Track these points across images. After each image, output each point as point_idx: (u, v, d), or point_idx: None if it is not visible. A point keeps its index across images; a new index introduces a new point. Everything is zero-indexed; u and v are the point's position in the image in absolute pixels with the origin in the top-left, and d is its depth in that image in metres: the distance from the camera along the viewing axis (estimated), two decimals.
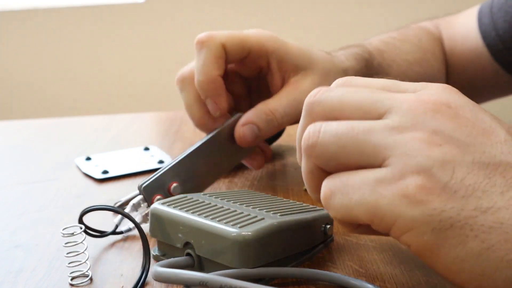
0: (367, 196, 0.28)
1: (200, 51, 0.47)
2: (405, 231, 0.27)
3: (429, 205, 0.26)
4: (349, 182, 0.28)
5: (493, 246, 0.26)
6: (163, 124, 0.78)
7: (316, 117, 0.31)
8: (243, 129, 0.48)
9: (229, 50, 0.48)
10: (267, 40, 0.49)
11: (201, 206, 0.36)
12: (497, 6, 0.67)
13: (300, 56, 0.50)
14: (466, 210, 0.26)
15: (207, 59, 0.47)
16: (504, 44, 0.66)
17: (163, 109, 1.75)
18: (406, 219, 0.26)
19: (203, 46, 0.47)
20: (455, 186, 0.26)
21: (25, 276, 0.37)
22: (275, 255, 0.34)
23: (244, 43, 0.48)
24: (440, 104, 0.29)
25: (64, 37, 1.87)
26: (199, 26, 1.83)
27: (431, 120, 0.28)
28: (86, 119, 0.84)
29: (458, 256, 0.26)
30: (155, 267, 0.31)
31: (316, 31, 1.81)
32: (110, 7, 1.85)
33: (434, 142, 0.27)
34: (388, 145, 0.28)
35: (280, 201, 0.40)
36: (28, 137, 0.74)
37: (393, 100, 0.29)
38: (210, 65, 0.47)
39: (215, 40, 0.47)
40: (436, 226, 0.26)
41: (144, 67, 1.87)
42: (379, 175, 0.28)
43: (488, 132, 0.28)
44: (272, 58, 0.50)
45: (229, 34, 0.48)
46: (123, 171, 0.56)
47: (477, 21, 0.69)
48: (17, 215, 0.47)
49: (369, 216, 0.28)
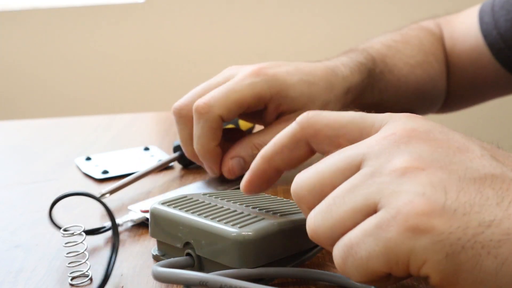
0: (374, 246, 0.27)
1: (198, 121, 0.48)
2: (421, 264, 0.26)
3: (435, 230, 0.25)
4: (352, 241, 0.28)
5: (507, 260, 0.25)
6: (163, 124, 0.78)
7: (306, 203, 0.31)
8: (231, 162, 0.49)
9: (226, 117, 0.48)
10: (264, 89, 0.49)
11: (201, 206, 0.36)
12: (499, 5, 0.67)
13: (299, 98, 0.50)
14: (472, 228, 0.25)
15: (204, 131, 0.48)
16: (505, 43, 0.66)
17: (163, 109, 1.76)
18: (418, 252, 0.26)
19: (201, 117, 0.48)
20: (453, 205, 0.26)
21: (25, 276, 0.37)
22: (275, 255, 0.34)
23: (241, 104, 0.48)
24: (409, 131, 0.29)
25: (64, 37, 1.87)
26: (199, 26, 1.83)
27: (405, 148, 0.28)
28: (86, 119, 0.84)
29: (477, 279, 0.25)
30: (155, 267, 0.31)
31: (317, 30, 1.81)
32: (110, 7, 1.85)
33: (417, 168, 0.27)
34: (374, 191, 0.27)
35: (280, 201, 0.40)
36: (28, 137, 0.74)
37: (363, 148, 0.29)
38: (207, 136, 0.48)
39: (213, 113, 0.47)
40: (448, 251, 0.25)
41: (144, 67, 1.87)
42: (376, 221, 0.27)
43: (463, 149, 0.28)
44: (270, 104, 0.50)
45: (225, 101, 0.48)
46: (123, 171, 0.56)
47: (478, 20, 0.69)
48: (17, 215, 0.47)
49: (385, 264, 0.27)
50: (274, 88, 0.49)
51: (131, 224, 0.43)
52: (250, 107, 0.50)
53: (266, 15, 1.82)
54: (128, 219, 0.43)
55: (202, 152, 0.49)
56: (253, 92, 0.48)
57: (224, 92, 0.48)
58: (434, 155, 0.28)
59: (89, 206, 0.48)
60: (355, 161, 0.29)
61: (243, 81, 0.49)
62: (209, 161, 0.50)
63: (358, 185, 0.28)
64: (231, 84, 0.49)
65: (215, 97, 0.48)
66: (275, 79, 0.50)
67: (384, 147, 0.28)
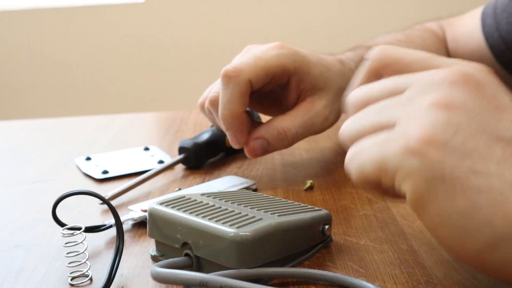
0: (375, 153, 0.30)
1: (227, 86, 0.47)
2: (404, 180, 0.29)
3: (427, 157, 0.28)
4: (364, 145, 0.31)
5: (480, 207, 0.27)
6: (163, 124, 0.78)
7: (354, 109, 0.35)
8: (254, 143, 0.49)
9: (254, 83, 0.48)
10: (289, 61, 0.49)
11: (199, 206, 0.37)
12: (501, 7, 0.67)
13: (319, 77, 0.51)
14: (460, 169, 0.27)
15: (233, 95, 0.47)
16: (507, 45, 0.66)
17: (163, 109, 1.76)
18: (405, 168, 0.28)
19: (230, 81, 0.47)
20: (455, 146, 0.28)
21: (25, 276, 0.37)
22: (273, 255, 0.34)
23: (268, 71, 0.48)
24: (461, 76, 0.30)
25: (64, 37, 1.87)
26: (199, 26, 1.83)
27: (446, 89, 0.30)
28: (86, 119, 0.84)
29: (444, 210, 0.28)
30: (154, 268, 0.31)
31: (317, 28, 1.81)
32: (110, 7, 1.85)
33: (443, 106, 0.29)
34: (398, 112, 0.31)
35: (278, 201, 0.40)
36: (28, 137, 0.74)
37: (413, 79, 0.32)
38: (236, 101, 0.47)
39: (243, 77, 0.47)
40: (430, 177, 0.28)
41: (144, 67, 1.87)
42: (388, 135, 0.30)
43: (500, 109, 0.30)
44: (293, 78, 0.50)
45: (255, 67, 0.48)
46: (123, 171, 0.56)
47: (481, 22, 0.69)
48: (17, 215, 0.47)
49: (377, 171, 0.30)
50: (298, 62, 0.50)
51: (131, 222, 0.43)
52: (276, 78, 0.49)
53: (266, 15, 1.82)
54: (128, 217, 0.43)
55: (230, 117, 0.48)
56: (279, 62, 0.49)
57: (251, 58, 0.48)
58: (468, 103, 0.29)
59: (89, 206, 0.48)
60: (402, 87, 0.32)
61: (269, 51, 0.49)
62: (236, 128, 0.48)
63: (390, 105, 0.31)
64: (257, 52, 0.49)
65: (244, 62, 0.48)
66: (298, 54, 0.50)
67: (430, 82, 0.31)
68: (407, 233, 0.40)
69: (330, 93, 0.52)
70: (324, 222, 0.38)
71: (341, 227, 0.42)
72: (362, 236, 0.40)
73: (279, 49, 0.49)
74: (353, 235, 0.40)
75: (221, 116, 0.48)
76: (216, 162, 0.58)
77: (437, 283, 0.33)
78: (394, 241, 0.39)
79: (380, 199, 0.47)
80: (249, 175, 0.54)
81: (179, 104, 1.83)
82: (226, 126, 0.49)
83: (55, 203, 0.38)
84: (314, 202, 0.47)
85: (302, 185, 0.51)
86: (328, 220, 0.39)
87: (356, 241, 0.40)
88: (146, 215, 0.42)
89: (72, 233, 0.37)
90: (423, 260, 0.36)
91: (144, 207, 0.44)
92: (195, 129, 0.71)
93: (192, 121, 0.76)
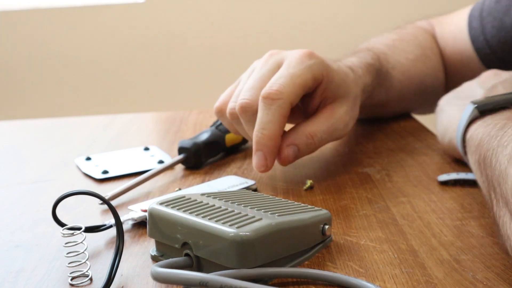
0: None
1: (269, 107, 0.47)
2: None
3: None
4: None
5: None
6: (163, 124, 0.78)
7: None
8: (287, 150, 0.49)
9: (294, 103, 0.49)
10: (319, 71, 0.50)
11: (199, 206, 0.36)
12: (487, 10, 0.68)
13: (341, 84, 0.52)
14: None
15: (275, 117, 0.47)
16: (491, 49, 0.67)
17: (163, 109, 1.76)
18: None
19: (272, 103, 0.47)
20: None
21: (25, 276, 0.37)
22: (273, 255, 0.34)
23: (305, 87, 0.49)
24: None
25: (64, 37, 1.87)
26: (199, 26, 1.83)
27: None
28: (86, 119, 0.84)
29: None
30: (154, 268, 0.31)
31: (317, 28, 1.81)
32: (110, 7, 1.85)
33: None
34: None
35: (278, 201, 0.40)
36: (28, 137, 0.74)
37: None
38: (276, 123, 0.48)
39: (285, 100, 0.47)
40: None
41: (144, 67, 1.87)
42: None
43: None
44: (320, 86, 0.51)
45: (293, 87, 0.48)
46: (123, 171, 0.56)
47: (467, 24, 0.70)
48: (17, 215, 0.47)
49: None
50: (325, 70, 0.50)
51: (131, 222, 0.43)
52: (309, 90, 0.50)
53: (266, 16, 1.82)
54: (128, 217, 0.43)
55: (267, 138, 0.48)
56: (312, 74, 0.49)
57: (289, 77, 0.48)
58: None
59: (89, 206, 0.48)
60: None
61: (301, 64, 0.49)
62: (269, 149, 0.48)
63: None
64: (290, 69, 0.49)
65: (284, 84, 0.48)
66: (324, 63, 0.51)
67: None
68: (407, 233, 0.40)
69: (350, 100, 0.53)
70: (324, 222, 0.38)
71: (341, 227, 0.42)
72: (362, 236, 0.40)
73: (308, 60, 0.50)
74: (353, 235, 0.40)
75: (259, 135, 0.48)
76: (216, 162, 0.58)
77: (437, 283, 0.33)
78: (394, 241, 0.39)
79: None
80: (249, 175, 0.54)
81: (179, 104, 1.83)
82: (259, 146, 0.48)
83: (55, 203, 0.38)
84: (314, 202, 0.47)
85: (302, 185, 0.51)
86: (328, 220, 0.39)
87: (356, 241, 0.40)
88: (146, 215, 0.42)
89: (72, 233, 0.37)
90: (423, 260, 0.36)
91: (144, 207, 0.44)
92: (195, 129, 0.71)
93: (192, 121, 0.76)
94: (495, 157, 0.37)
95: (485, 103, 0.45)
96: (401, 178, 0.51)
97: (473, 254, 0.37)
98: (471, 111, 0.45)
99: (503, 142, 0.37)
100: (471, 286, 0.33)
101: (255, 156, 0.49)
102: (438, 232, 0.41)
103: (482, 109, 0.45)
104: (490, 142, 0.39)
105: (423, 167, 0.54)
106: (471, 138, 0.44)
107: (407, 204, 0.46)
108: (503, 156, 0.36)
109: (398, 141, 0.63)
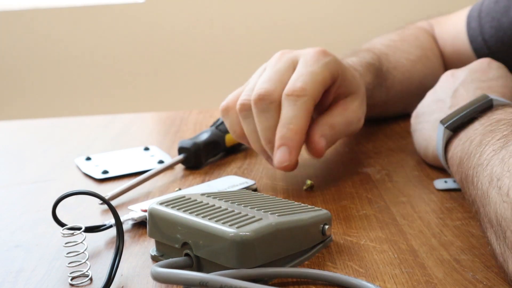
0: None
1: (294, 103, 0.47)
2: None
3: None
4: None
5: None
6: (163, 124, 0.78)
7: None
8: (320, 140, 0.49)
9: (316, 99, 0.49)
10: (335, 68, 0.50)
11: (199, 206, 0.36)
12: (486, 11, 0.68)
13: (352, 81, 0.53)
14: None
15: (301, 112, 0.47)
16: (489, 49, 0.67)
17: (163, 109, 1.76)
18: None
19: (297, 99, 0.47)
20: None
21: (25, 276, 0.37)
22: (273, 255, 0.34)
23: (325, 84, 0.49)
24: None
25: (64, 37, 1.87)
26: (199, 26, 1.83)
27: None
28: (86, 119, 0.84)
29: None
30: (154, 268, 0.31)
31: (317, 28, 1.81)
32: (110, 7, 1.85)
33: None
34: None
35: (278, 201, 0.40)
36: (28, 137, 0.74)
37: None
38: (302, 117, 0.47)
39: (309, 96, 0.47)
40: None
41: (144, 67, 1.87)
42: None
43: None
44: (334, 83, 0.51)
45: (315, 84, 0.48)
46: (123, 171, 0.56)
47: (466, 24, 0.70)
48: (17, 215, 0.47)
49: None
50: (340, 68, 0.51)
51: (131, 222, 0.43)
52: (327, 87, 0.50)
53: (266, 16, 1.82)
54: (128, 217, 0.43)
55: (293, 132, 0.47)
56: (330, 71, 0.49)
57: (309, 75, 0.48)
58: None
59: (89, 206, 0.48)
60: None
61: (317, 62, 0.49)
62: (294, 144, 0.47)
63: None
64: (309, 67, 0.49)
65: (306, 81, 0.48)
66: (338, 60, 0.51)
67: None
68: (407, 233, 0.40)
69: (360, 96, 0.53)
70: (324, 222, 0.38)
71: (341, 227, 0.42)
72: (362, 236, 0.40)
73: (324, 57, 0.50)
74: (353, 235, 0.40)
75: (284, 130, 0.47)
76: (216, 162, 0.58)
77: (437, 283, 0.34)
78: (394, 241, 0.39)
79: None
80: (249, 175, 0.54)
81: (179, 104, 1.83)
82: (284, 140, 0.47)
83: (55, 203, 0.38)
84: (314, 202, 0.47)
85: (302, 185, 0.51)
86: (328, 220, 0.39)
87: (356, 241, 0.40)
88: (146, 215, 0.42)
89: (72, 233, 0.37)
90: (423, 260, 0.36)
91: (144, 207, 0.44)
92: (195, 129, 0.71)
93: (192, 121, 0.76)
94: (476, 176, 0.37)
95: (453, 120, 0.46)
96: (401, 178, 0.52)
97: (473, 254, 0.37)
98: (443, 132, 0.46)
99: (482, 161, 0.37)
100: (471, 286, 0.33)
101: (278, 151, 0.47)
102: (438, 232, 0.41)
103: (452, 128, 0.46)
104: (470, 160, 0.40)
105: (423, 167, 0.54)
106: (452, 158, 0.45)
107: (407, 204, 0.46)
108: (483, 177, 0.36)
109: (398, 141, 0.63)
